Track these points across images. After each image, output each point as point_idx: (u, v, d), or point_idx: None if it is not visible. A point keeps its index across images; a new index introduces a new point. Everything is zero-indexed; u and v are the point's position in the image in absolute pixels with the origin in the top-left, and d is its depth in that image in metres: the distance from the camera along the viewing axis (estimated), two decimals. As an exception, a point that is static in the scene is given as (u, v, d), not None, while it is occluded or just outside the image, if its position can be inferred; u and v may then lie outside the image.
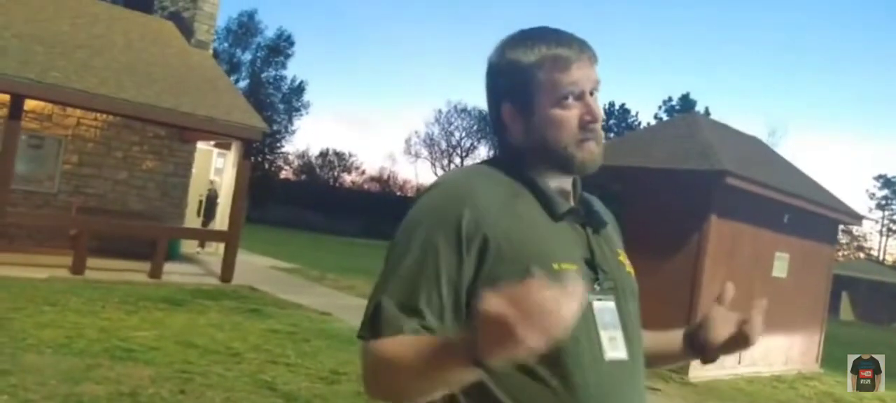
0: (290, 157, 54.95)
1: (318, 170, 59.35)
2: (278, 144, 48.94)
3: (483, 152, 58.18)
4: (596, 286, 1.13)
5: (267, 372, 5.40)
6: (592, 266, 1.15)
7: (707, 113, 41.09)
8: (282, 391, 4.96)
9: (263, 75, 46.50)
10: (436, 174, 60.05)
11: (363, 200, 54.24)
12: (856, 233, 51.91)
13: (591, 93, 1.17)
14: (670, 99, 50.33)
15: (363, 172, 61.67)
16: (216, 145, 13.37)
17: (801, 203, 9.66)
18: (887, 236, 55.21)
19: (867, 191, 57.01)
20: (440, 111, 57.76)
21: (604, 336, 1.11)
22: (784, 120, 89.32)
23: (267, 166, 48.76)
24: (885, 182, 54.73)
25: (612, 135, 48.81)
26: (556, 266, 1.09)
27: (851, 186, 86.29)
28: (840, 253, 46.21)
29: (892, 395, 9.43)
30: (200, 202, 13.18)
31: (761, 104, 79.98)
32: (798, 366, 10.06)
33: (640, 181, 9.25)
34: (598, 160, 1.18)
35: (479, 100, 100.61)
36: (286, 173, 56.36)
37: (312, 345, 6.63)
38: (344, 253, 23.05)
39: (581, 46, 1.17)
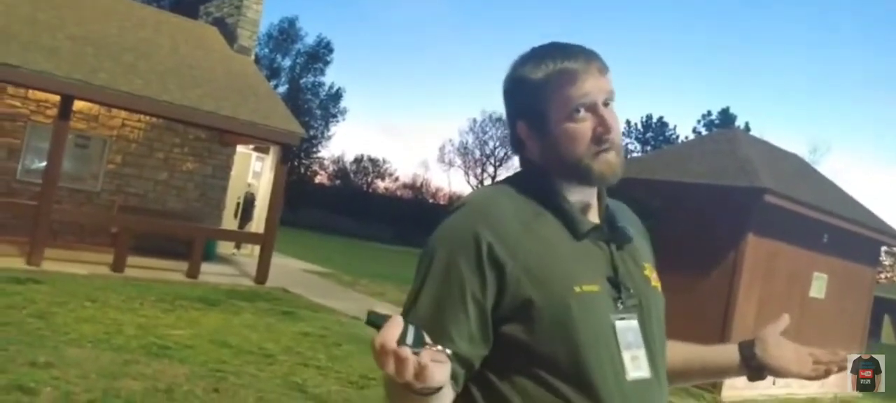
0: (326, 163, 55.53)
1: (352, 175, 59.84)
2: (314, 149, 49.53)
3: (516, 163, 57.84)
4: (619, 305, 1.13)
5: (298, 375, 5.48)
6: (615, 284, 1.14)
7: (747, 128, 40.40)
8: (312, 393, 5.03)
9: (302, 81, 47.15)
10: (469, 183, 60.06)
11: (396, 207, 54.49)
12: (900, 255, 50.40)
13: (605, 104, 1.16)
14: (709, 113, 49.58)
15: (396, 179, 61.98)
16: (255, 149, 13.61)
17: (841, 222, 9.45)
18: (933, 259, 53.46)
19: (913, 212, 55.27)
20: (475, 120, 57.91)
21: (626, 356, 1.11)
22: (826, 137, 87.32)
23: (303, 171, 49.37)
24: (932, 203, 53.04)
25: (649, 148, 48.29)
26: (577, 288, 1.09)
27: (895, 206, 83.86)
28: (882, 275, 44.92)
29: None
30: (238, 204, 13.42)
31: (803, 121, 78.31)
32: (834, 389, 9.81)
33: (678, 196, 9.15)
34: (618, 171, 1.17)
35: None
36: (321, 178, 56.95)
37: (343, 349, 6.70)
38: (376, 259, 23.20)
39: (588, 58, 1.16)
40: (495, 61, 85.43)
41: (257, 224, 13.16)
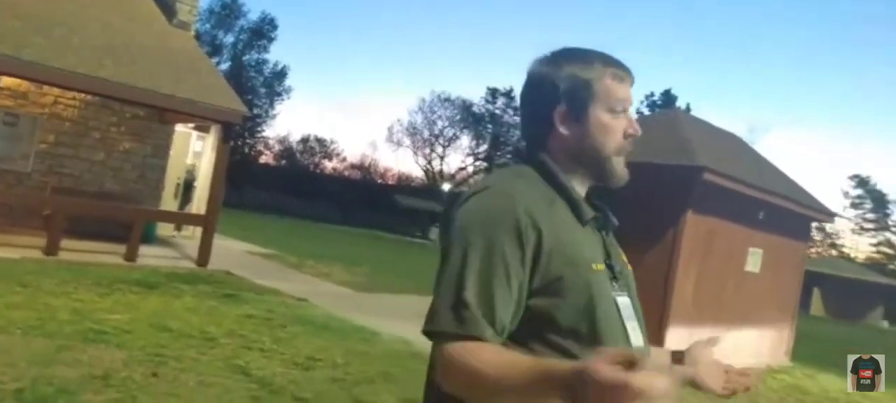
0: (271, 142, 54.56)
1: (298, 155, 58.96)
2: (259, 128, 48.56)
3: (465, 142, 58.04)
4: (614, 283, 1.27)
5: (241, 357, 5.39)
6: (610, 265, 1.28)
7: (688, 109, 41.42)
8: (256, 376, 4.95)
9: (245, 58, 46.05)
10: (418, 163, 59.96)
11: (344, 187, 54.01)
12: (829, 231, 52.77)
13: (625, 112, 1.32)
14: (652, 94, 50.62)
15: (344, 159, 61.38)
16: (195, 128, 13.25)
17: (775, 200, 9.80)
18: (860, 234, 56.17)
19: (842, 189, 57.93)
20: (423, 100, 57.72)
21: (629, 327, 1.25)
22: (764, 118, 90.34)
23: (247, 150, 48.38)
24: (860, 181, 55.61)
25: (593, 127, 48.93)
26: (594, 266, 1.22)
27: (827, 185, 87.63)
28: (813, 250, 46.94)
29: (838, 384, 9.65)
30: (178, 185, 13.06)
31: (742, 102, 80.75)
32: (768, 360, 10.23)
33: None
34: (626, 175, 1.33)
35: (462, 89, 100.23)
36: (266, 158, 55.96)
37: (288, 331, 6.63)
38: (323, 240, 22.98)
39: (628, 70, 1.32)
40: (444, 41, 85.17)
41: (198, 205, 12.85)
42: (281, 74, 47.89)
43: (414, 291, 12.03)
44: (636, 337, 1.26)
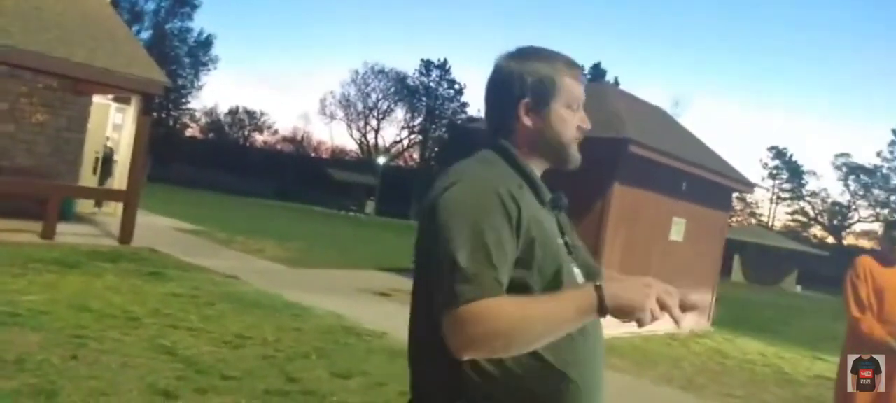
0: (197, 114, 52.88)
1: (227, 128, 57.35)
2: (184, 100, 46.91)
3: (400, 115, 57.73)
4: (570, 256, 1.42)
5: (167, 337, 5.23)
6: (565, 242, 1.44)
7: (616, 83, 42.33)
8: (183, 356, 4.82)
9: (168, 26, 44.22)
10: (352, 136, 59.24)
11: (276, 161, 52.97)
12: (749, 200, 55.29)
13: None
14: (582, 68, 51.32)
15: (276, 132, 60.16)
16: (114, 99, 12.65)
17: (698, 171, 10.16)
18: (777, 203, 59.07)
19: (761, 160, 60.56)
20: (357, 72, 56.85)
21: None
22: (689, 91, 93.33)
23: (172, 123, 46.70)
24: (777, 153, 58.32)
25: (526, 101, 49.41)
26: (558, 241, 1.39)
27: (747, 156, 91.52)
28: (734, 219, 49.12)
29: (755, 346, 10.19)
30: (97, 159, 12.47)
31: (668, 76, 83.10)
32: (691, 325, 10.67)
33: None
34: (579, 160, 1.49)
35: (396, 62, 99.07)
36: (193, 131, 54.24)
37: (217, 309, 6.47)
38: (254, 216, 22.50)
39: (581, 70, 1.50)
40: (377, 9, 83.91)
41: (119, 180, 12.33)
42: (206, 43, 46.34)
43: (349, 265, 11.96)
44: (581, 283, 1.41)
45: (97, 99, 11.90)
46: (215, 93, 76.10)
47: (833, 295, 21.71)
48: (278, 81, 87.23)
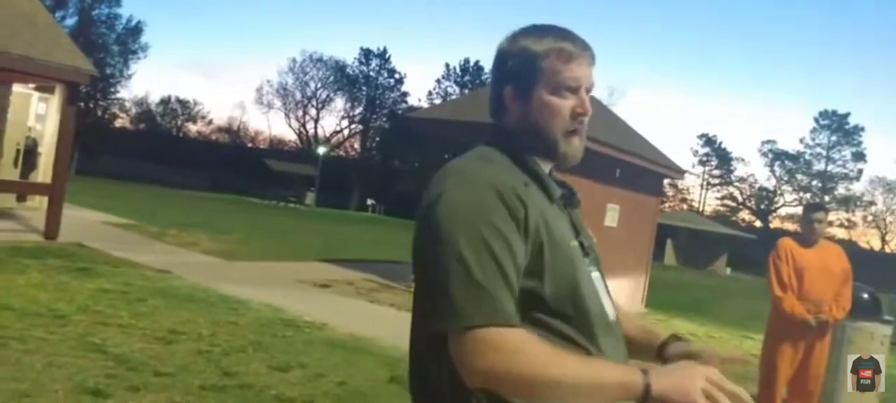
0: (127, 104, 50.98)
1: (159, 118, 55.59)
2: (112, 89, 45.12)
3: (340, 105, 57.14)
4: (586, 259, 1.27)
5: (96, 335, 5.05)
6: (580, 241, 1.28)
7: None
8: (113, 353, 4.67)
9: (95, 13, 42.41)
10: (290, 126, 58.32)
11: (211, 152, 51.67)
12: (680, 186, 57.10)
13: (586, 92, 1.28)
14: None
15: (210, 122, 58.62)
16: (36, 88, 12.08)
17: (631, 158, 10.43)
18: (707, 189, 61.17)
19: (691, 148, 62.63)
20: (294, 60, 55.86)
21: (604, 301, 1.27)
22: (623, 81, 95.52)
23: (100, 113, 44.91)
24: (707, 140, 60.36)
25: (467, 91, 49.73)
26: (572, 243, 1.22)
27: (678, 144, 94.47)
28: (666, 205, 50.69)
29: (687, 326, 10.58)
30: (18, 151, 11.91)
31: (603, 65, 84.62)
32: (626, 307, 10.97)
33: (482, 135, 9.53)
34: (579, 155, 1.29)
35: (335, 49, 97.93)
36: (122, 121, 52.36)
37: (148, 305, 6.28)
38: (188, 208, 21.91)
39: (584, 45, 1.28)
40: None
41: (44, 173, 11.80)
42: (136, 31, 44.65)
43: (288, 257, 11.80)
44: (610, 312, 1.27)
45: (17, 88, 11.34)
46: (146, 83, 73.26)
47: (761, 277, 22.64)
48: (212, 70, 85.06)
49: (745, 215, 58.78)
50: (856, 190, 55.47)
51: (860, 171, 55.49)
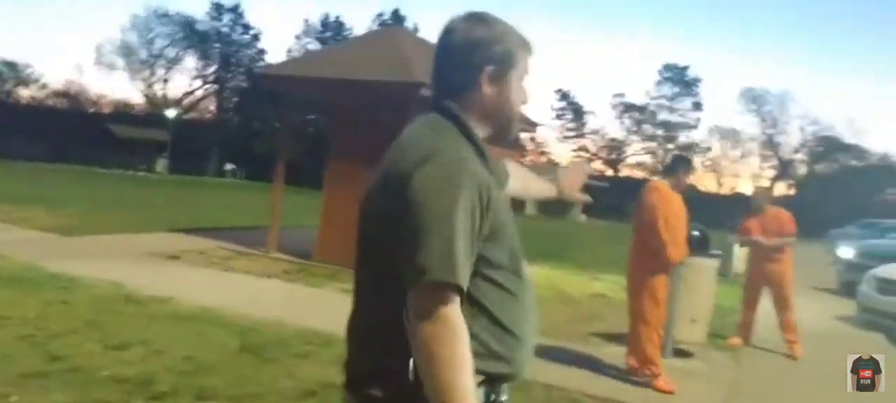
0: (-58, 68, 45.20)
1: (-18, 83, 49.80)
2: (-80, 52, 39.70)
3: (191, 63, 54.04)
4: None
5: None
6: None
7: (416, 30, 42.83)
8: (-85, 347, 4.13)
9: None
10: (137, 88, 54.27)
11: (48, 118, 47.10)
12: (538, 140, 59.34)
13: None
14: (382, 14, 51.38)
15: (44, 86, 53.37)
16: None
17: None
18: (563, 141, 64.06)
19: (549, 104, 65.04)
20: (137, 16, 51.77)
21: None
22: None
23: None
24: (563, 95, 62.99)
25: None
26: (505, 200, 1.44)
27: (536, 99, 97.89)
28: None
29: (543, 272, 11.10)
30: None
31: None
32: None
33: (343, 92, 9.33)
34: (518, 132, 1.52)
35: (181, 4, 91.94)
36: (-64, 87, 46.43)
37: (-35, 288, 5.63)
38: (22, 181, 19.92)
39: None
40: (156, -50, 76.51)
41: None
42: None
43: (134, 230, 11.02)
44: (526, 265, 1.46)
45: None
46: (-39, 43, 65.14)
47: (613, 222, 24.07)
48: (44, 27, 77.15)
49: (597, 165, 62.20)
50: (695, 137, 60.23)
51: (698, 120, 60.28)
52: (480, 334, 1.31)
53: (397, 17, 49.90)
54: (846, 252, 14.32)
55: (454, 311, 1.21)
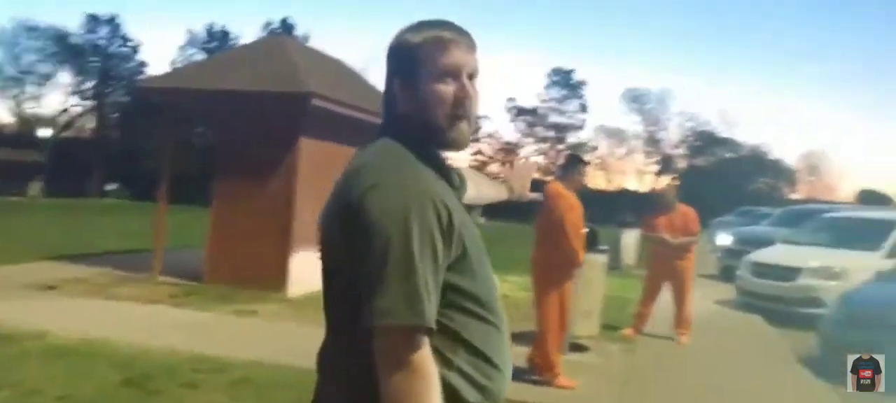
0: None
1: None
2: None
3: (66, 79, 50.69)
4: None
5: None
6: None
7: (306, 39, 42.11)
8: None
9: None
10: (4, 105, 50.19)
11: None
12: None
13: (470, 78, 1.35)
14: (271, 23, 50.25)
15: None
16: None
17: (378, 119, 10.51)
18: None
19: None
20: (3, 29, 47.89)
21: (494, 276, 1.38)
22: (381, 48, 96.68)
23: None
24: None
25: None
26: (475, 229, 1.32)
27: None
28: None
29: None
30: None
31: (360, 31, 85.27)
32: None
33: (231, 104, 9.01)
34: (468, 139, 1.35)
35: (51, 16, 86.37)
36: None
37: None
38: None
39: (460, 33, 1.35)
40: (20, -41, 71.21)
41: None
42: None
43: (5, 259, 10.13)
44: (495, 280, 1.39)
45: None
46: None
47: (512, 223, 24.59)
48: None
49: (494, 167, 63.44)
50: (583, 137, 62.59)
51: (584, 121, 62.70)
52: (462, 366, 1.25)
53: (287, 26, 48.89)
54: (724, 239, 15.30)
55: (425, 357, 1.15)
